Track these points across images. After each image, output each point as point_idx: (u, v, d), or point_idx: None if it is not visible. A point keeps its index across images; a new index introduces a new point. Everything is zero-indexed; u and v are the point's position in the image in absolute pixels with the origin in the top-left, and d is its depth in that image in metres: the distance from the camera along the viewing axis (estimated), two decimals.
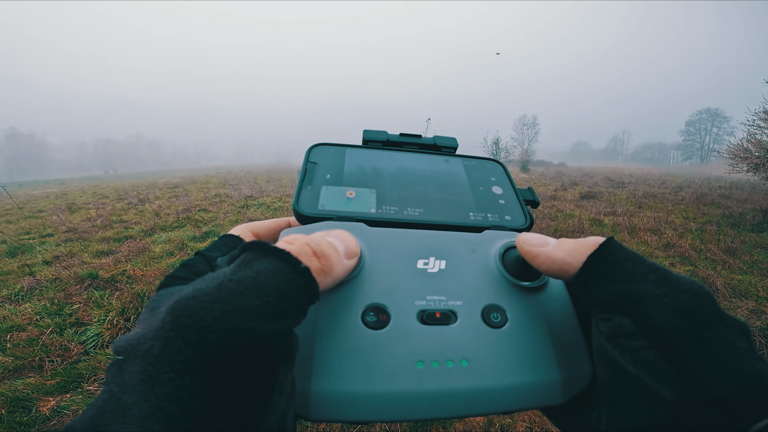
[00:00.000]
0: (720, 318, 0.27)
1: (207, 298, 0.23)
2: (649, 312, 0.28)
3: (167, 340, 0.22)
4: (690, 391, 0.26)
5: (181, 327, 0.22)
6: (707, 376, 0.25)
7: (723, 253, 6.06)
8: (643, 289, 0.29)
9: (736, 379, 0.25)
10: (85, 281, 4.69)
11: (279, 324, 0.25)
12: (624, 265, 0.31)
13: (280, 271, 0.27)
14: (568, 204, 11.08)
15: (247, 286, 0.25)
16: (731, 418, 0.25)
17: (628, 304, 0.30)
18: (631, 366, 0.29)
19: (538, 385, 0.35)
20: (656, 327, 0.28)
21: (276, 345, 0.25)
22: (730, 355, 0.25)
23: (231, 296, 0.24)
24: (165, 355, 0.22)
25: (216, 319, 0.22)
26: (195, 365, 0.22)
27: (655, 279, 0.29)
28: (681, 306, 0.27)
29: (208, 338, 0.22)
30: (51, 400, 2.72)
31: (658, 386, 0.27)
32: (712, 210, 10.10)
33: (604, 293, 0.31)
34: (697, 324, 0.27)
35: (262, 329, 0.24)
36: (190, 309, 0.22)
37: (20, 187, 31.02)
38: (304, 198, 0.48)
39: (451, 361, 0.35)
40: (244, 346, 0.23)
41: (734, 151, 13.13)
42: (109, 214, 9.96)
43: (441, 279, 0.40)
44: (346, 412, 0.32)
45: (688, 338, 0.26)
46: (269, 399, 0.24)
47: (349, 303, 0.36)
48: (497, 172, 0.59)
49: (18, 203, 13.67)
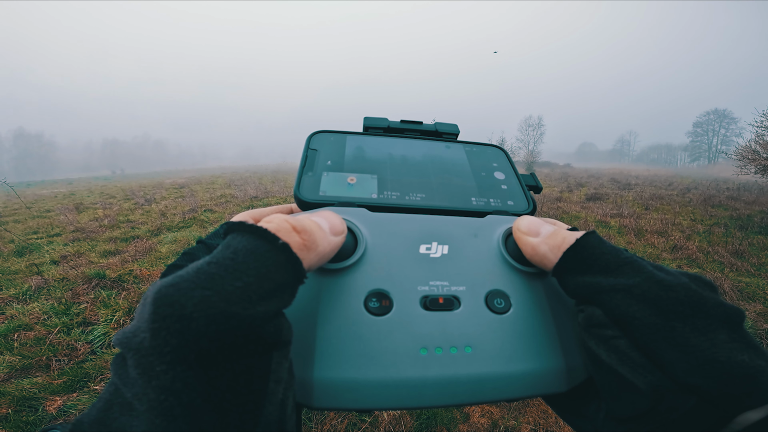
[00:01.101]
0: (697, 309, 0.27)
1: (186, 284, 0.22)
2: (617, 301, 0.29)
3: (153, 331, 0.21)
4: (663, 380, 0.26)
5: (164, 317, 0.21)
6: (678, 365, 0.26)
7: (731, 256, 6.00)
8: (613, 281, 0.30)
9: (712, 368, 0.25)
10: (93, 281, 4.72)
11: (264, 306, 0.24)
12: (599, 258, 0.32)
13: (258, 249, 0.26)
14: (573, 206, 11.02)
15: (226, 268, 0.24)
16: (712, 409, 0.25)
17: (598, 294, 0.31)
18: (605, 355, 0.29)
19: (542, 373, 0.35)
20: (623, 316, 0.29)
21: (265, 330, 0.24)
22: (704, 345, 0.25)
23: (210, 280, 0.23)
24: (154, 347, 0.21)
25: (197, 306, 0.21)
26: (184, 355, 0.21)
27: (629, 271, 0.30)
28: (651, 297, 0.28)
29: (191, 326, 0.21)
30: (57, 400, 2.74)
31: (630, 375, 0.27)
32: (719, 212, 10.01)
33: (576, 286, 0.33)
34: (667, 314, 0.27)
35: (247, 313, 0.23)
36: (170, 297, 0.22)
37: (28, 186, 31.31)
38: (305, 184, 0.47)
39: (454, 347, 0.34)
40: (229, 332, 0.22)
41: (742, 152, 13.05)
42: (116, 214, 10.03)
43: (444, 264, 0.39)
44: (349, 400, 0.32)
45: (656, 327, 0.27)
46: (265, 388, 0.24)
47: (351, 289, 0.36)
48: (499, 157, 0.58)
49: (26, 203, 13.81)
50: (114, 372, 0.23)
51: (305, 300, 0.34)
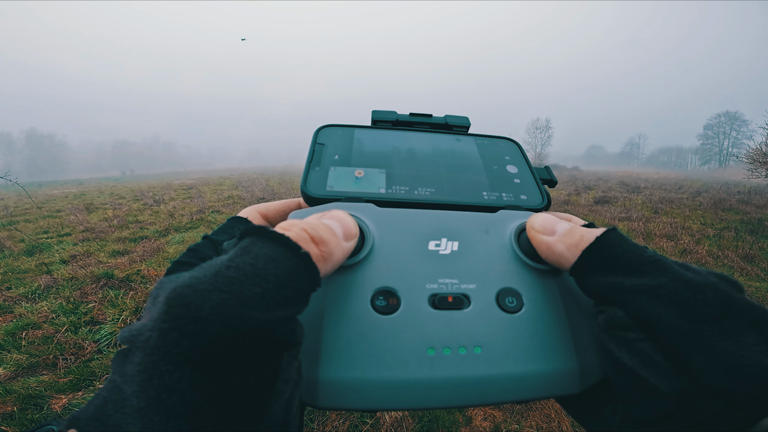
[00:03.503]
0: (725, 310, 0.26)
1: (204, 286, 0.22)
2: (641, 303, 0.28)
3: (163, 331, 0.21)
4: (688, 384, 0.25)
5: (177, 317, 0.21)
6: (705, 369, 0.25)
7: (741, 260, 5.92)
8: (636, 281, 0.29)
9: (739, 371, 0.24)
10: (101, 280, 4.77)
11: (281, 312, 0.24)
12: (621, 257, 0.30)
13: (279, 257, 0.26)
14: (581, 209, 10.92)
15: (246, 273, 0.24)
16: (737, 412, 0.24)
17: (620, 295, 0.29)
18: (626, 358, 0.28)
19: (555, 374, 0.34)
20: (648, 318, 0.27)
21: (279, 333, 0.24)
22: (732, 348, 0.24)
23: (229, 284, 0.23)
24: (162, 346, 0.21)
25: (214, 309, 0.21)
26: (194, 357, 0.21)
27: (654, 270, 0.29)
28: (678, 298, 0.27)
29: (206, 329, 0.21)
30: (63, 398, 2.76)
31: (654, 379, 0.27)
32: (730, 216, 9.86)
33: (596, 286, 0.31)
34: (694, 316, 0.26)
35: (264, 318, 0.23)
36: (186, 298, 0.22)
37: (40, 186, 31.78)
38: (312, 179, 0.46)
39: (463, 347, 0.33)
40: (244, 336, 0.22)
41: (753, 155, 12.91)
42: (126, 214, 10.14)
43: (453, 261, 0.38)
44: (354, 400, 0.31)
45: (683, 330, 0.26)
46: (273, 388, 0.24)
47: (357, 287, 0.35)
48: (512, 150, 0.57)
49: (37, 203, 13.99)
50: (115, 368, 0.23)
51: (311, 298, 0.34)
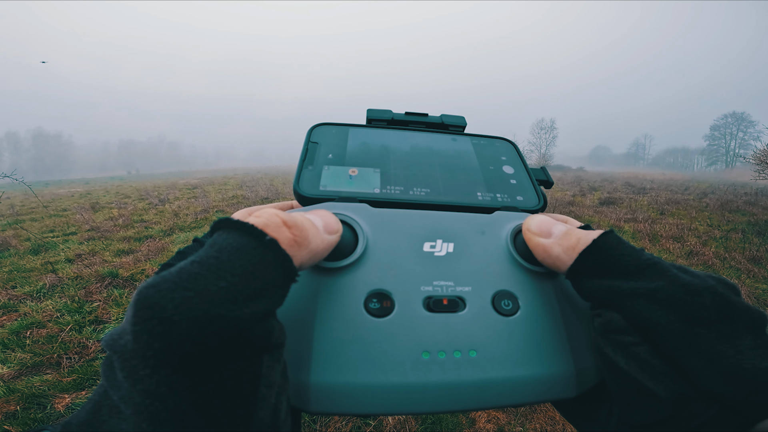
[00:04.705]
0: (723, 314, 0.26)
1: (167, 285, 0.21)
2: (638, 306, 0.28)
3: (135, 334, 0.20)
4: (686, 388, 0.25)
5: (144, 319, 0.20)
6: (702, 373, 0.25)
7: (748, 262, 5.87)
8: (633, 284, 0.29)
9: (737, 376, 0.24)
10: (106, 279, 4.79)
11: (252, 307, 0.23)
12: (618, 260, 0.30)
13: (244, 247, 0.24)
14: (586, 210, 10.87)
15: (209, 268, 0.23)
16: (735, 416, 0.24)
17: (617, 298, 0.29)
18: (623, 362, 0.28)
19: (551, 377, 0.33)
20: (646, 322, 0.27)
21: (253, 332, 0.23)
22: (730, 352, 0.25)
23: (192, 280, 0.22)
24: (137, 350, 0.20)
25: (178, 308, 0.20)
26: (167, 359, 0.20)
27: (651, 274, 0.29)
28: (675, 301, 0.27)
29: (173, 330, 0.20)
30: (66, 397, 2.77)
31: (650, 383, 0.26)
32: (737, 217, 9.78)
33: (593, 289, 0.31)
34: (692, 320, 0.26)
35: (232, 315, 0.21)
36: (150, 299, 0.21)
37: (46, 185, 32.07)
38: (305, 178, 0.46)
39: (458, 351, 0.33)
40: (214, 335, 0.21)
41: (760, 156, 12.81)
42: (131, 213, 10.18)
43: (448, 263, 0.38)
44: (347, 405, 0.31)
45: (680, 334, 0.26)
46: (256, 393, 0.23)
47: (350, 289, 0.35)
48: (508, 151, 0.56)
49: (43, 202, 14.11)
50: (103, 374, 0.23)
51: (302, 300, 0.33)
